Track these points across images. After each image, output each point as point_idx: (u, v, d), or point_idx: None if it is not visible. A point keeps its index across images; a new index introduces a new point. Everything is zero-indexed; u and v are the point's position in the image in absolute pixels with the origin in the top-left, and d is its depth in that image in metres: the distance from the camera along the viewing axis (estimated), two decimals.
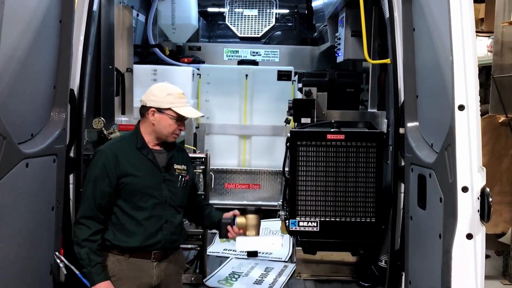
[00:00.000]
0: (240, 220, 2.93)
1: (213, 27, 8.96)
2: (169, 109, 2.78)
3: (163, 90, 2.82)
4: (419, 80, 3.06)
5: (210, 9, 7.71)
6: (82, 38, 3.33)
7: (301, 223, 3.52)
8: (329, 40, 5.35)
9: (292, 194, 3.54)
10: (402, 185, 3.37)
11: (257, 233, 2.94)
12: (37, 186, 2.83)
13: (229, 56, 6.25)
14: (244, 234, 2.92)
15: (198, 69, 5.28)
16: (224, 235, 2.95)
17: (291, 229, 3.52)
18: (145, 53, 5.86)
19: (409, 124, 3.13)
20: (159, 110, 2.79)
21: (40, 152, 2.82)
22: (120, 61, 4.41)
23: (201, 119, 5.30)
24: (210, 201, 5.21)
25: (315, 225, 3.52)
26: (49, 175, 2.95)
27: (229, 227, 2.92)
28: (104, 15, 3.97)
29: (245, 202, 5.30)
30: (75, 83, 3.36)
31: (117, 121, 4.48)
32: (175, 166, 2.90)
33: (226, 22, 6.24)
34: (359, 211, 3.53)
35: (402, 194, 3.37)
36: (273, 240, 2.95)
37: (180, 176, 2.91)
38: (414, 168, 2.96)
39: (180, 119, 2.82)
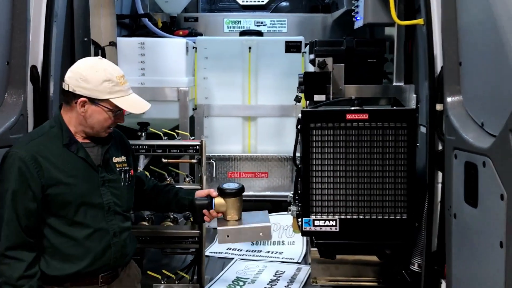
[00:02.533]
0: (218, 201, 2.52)
1: None
2: (107, 100, 2.25)
3: (98, 74, 2.25)
4: (463, 43, 2.52)
5: None
6: (43, 4, 2.81)
7: (316, 222, 3.00)
8: (344, 4, 4.78)
9: (305, 188, 3.01)
10: (440, 174, 2.85)
11: (239, 217, 2.56)
12: None
13: (230, 27, 5.69)
14: (225, 219, 2.54)
15: (194, 42, 4.72)
16: (199, 220, 2.60)
17: (305, 229, 3.01)
18: (134, 26, 5.33)
19: (450, 99, 2.60)
20: (92, 100, 2.24)
21: None
22: (100, 33, 3.88)
23: (199, 99, 4.77)
24: None
25: (334, 224, 3.00)
26: None
27: (205, 211, 2.54)
28: None
29: (251, 193, 4.79)
30: (38, 58, 2.85)
31: None
32: (114, 160, 2.38)
33: None
34: (387, 206, 3.01)
35: (440, 185, 2.86)
36: (262, 229, 2.49)
37: (123, 172, 2.39)
38: (458, 154, 2.44)
39: (118, 112, 2.29)
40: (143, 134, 4.28)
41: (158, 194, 2.65)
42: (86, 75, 2.24)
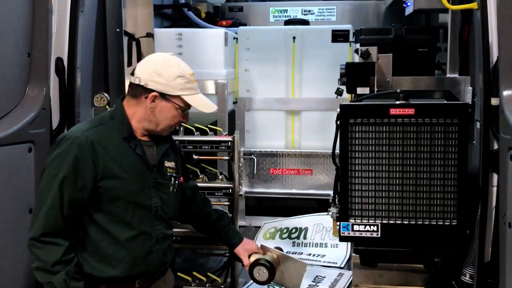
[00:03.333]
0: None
1: None
2: (178, 97, 2.23)
3: (172, 69, 2.23)
4: None
5: None
6: None
7: (356, 227, 2.79)
8: None
9: (344, 189, 2.81)
10: (495, 176, 2.59)
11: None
12: (5, 182, 2.32)
13: (276, 16, 5.50)
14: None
15: (236, 33, 4.58)
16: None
17: (343, 234, 2.80)
18: (177, 17, 5.26)
19: (506, 92, 2.34)
20: (164, 96, 2.20)
21: (7, 139, 2.30)
22: (136, 24, 3.81)
23: (240, 92, 4.63)
24: (254, 190, 4.64)
25: (376, 229, 2.78)
26: (23, 168, 2.43)
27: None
28: None
29: (294, 191, 4.62)
30: (63, 50, 2.81)
31: None
32: (166, 164, 2.33)
33: None
34: (435, 211, 2.74)
35: (495, 188, 2.60)
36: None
37: (173, 178, 2.33)
38: None
39: (186, 110, 2.27)
40: (181, 128, 4.18)
41: (205, 220, 2.67)
42: (160, 69, 2.21)
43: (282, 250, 2.80)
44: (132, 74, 2.26)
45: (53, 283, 2.04)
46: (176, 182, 2.36)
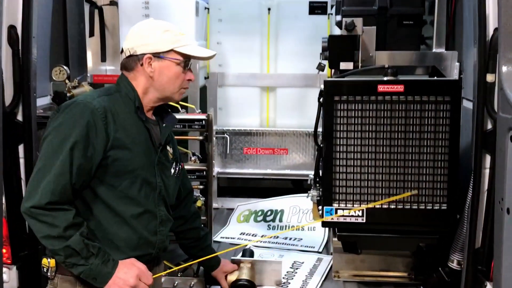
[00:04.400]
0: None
1: None
2: (172, 51, 2.12)
3: (156, 27, 2.15)
4: None
5: None
6: None
7: (340, 212, 2.63)
8: None
9: (328, 171, 2.64)
10: (488, 158, 2.46)
11: None
12: None
13: None
14: None
15: (207, 2, 4.33)
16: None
17: (326, 219, 2.64)
18: None
19: (506, 68, 2.21)
20: (157, 55, 2.11)
21: None
22: None
23: (212, 66, 4.40)
24: (226, 170, 4.46)
25: (360, 214, 2.63)
26: None
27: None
28: None
29: (269, 171, 4.44)
30: (17, 17, 2.53)
31: (95, 70, 3.63)
32: (168, 148, 2.25)
33: None
34: (423, 194, 2.62)
35: (487, 170, 2.47)
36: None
37: (174, 162, 2.27)
38: None
39: (187, 64, 2.17)
40: None
41: (192, 234, 2.63)
42: (145, 31, 2.14)
43: (253, 253, 2.97)
44: (122, 51, 2.18)
45: (70, 246, 1.89)
46: (178, 167, 2.30)
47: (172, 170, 2.26)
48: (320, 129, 2.80)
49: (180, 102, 3.14)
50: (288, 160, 4.44)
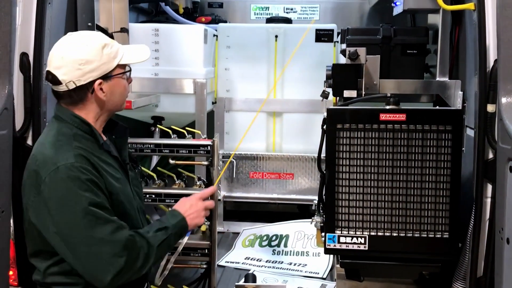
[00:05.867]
0: None
1: None
2: (117, 66, 2.04)
3: (91, 46, 1.98)
4: None
5: None
6: None
7: (342, 239, 2.64)
8: None
9: (330, 198, 2.65)
10: (489, 187, 2.47)
11: None
12: None
13: (257, 14, 5.33)
14: None
15: (216, 30, 4.39)
16: None
17: (329, 246, 2.65)
18: (154, 12, 5.05)
19: (505, 99, 2.22)
20: (106, 77, 2.00)
21: None
22: (111, 18, 3.60)
23: (220, 92, 4.44)
24: (232, 194, 4.48)
25: (363, 241, 2.63)
26: None
27: None
28: None
29: (275, 195, 4.45)
30: (29, 44, 2.60)
31: None
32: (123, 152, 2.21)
33: None
34: (426, 222, 2.61)
35: (489, 199, 2.48)
36: None
37: (136, 167, 2.28)
38: None
39: (129, 70, 2.13)
40: (157, 129, 3.99)
41: None
42: (81, 56, 1.96)
43: (255, 278, 2.91)
44: (54, 83, 1.99)
45: (162, 241, 2.01)
46: (138, 170, 2.30)
47: (139, 177, 2.27)
48: (323, 155, 2.82)
49: (187, 128, 3.19)
50: (294, 184, 4.45)
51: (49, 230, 1.88)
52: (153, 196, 2.99)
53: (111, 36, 3.48)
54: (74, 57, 1.96)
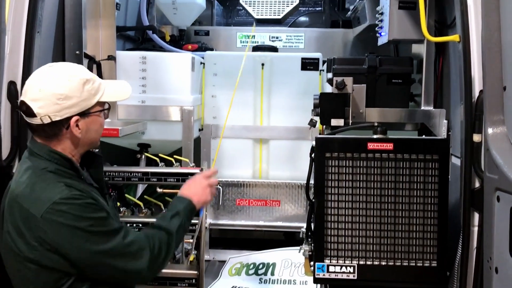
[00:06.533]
0: None
1: (231, 13, 8.16)
2: (96, 103, 1.97)
3: (72, 80, 1.92)
4: (508, 65, 2.15)
5: None
6: (24, 13, 2.53)
7: (331, 268, 2.63)
8: (367, 19, 4.44)
9: (319, 227, 2.65)
10: (476, 216, 2.48)
11: None
12: None
13: (243, 42, 5.38)
14: None
15: (202, 57, 4.41)
16: None
17: (318, 275, 2.64)
18: (140, 39, 5.06)
19: (492, 130, 2.24)
20: (83, 114, 1.94)
21: None
22: (98, 46, 3.60)
23: (207, 118, 4.44)
24: (219, 221, 4.45)
25: (352, 270, 2.62)
26: None
27: None
28: None
29: (261, 223, 4.42)
30: (17, 73, 2.58)
31: None
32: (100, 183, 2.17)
33: (240, 1, 5.37)
34: (414, 251, 2.62)
35: (476, 228, 2.49)
36: None
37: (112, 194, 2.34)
38: (502, 197, 2.07)
39: (109, 108, 2.09)
40: (143, 157, 3.96)
41: None
42: (61, 91, 1.89)
43: None
44: (29, 114, 1.91)
45: (182, 223, 2.13)
46: (114, 197, 2.38)
47: (115, 208, 2.29)
48: (312, 182, 2.82)
49: (174, 156, 3.17)
50: (280, 211, 4.43)
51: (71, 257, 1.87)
52: (140, 225, 2.94)
53: (98, 64, 3.48)
54: (53, 91, 1.89)
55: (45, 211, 1.82)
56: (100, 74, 3.49)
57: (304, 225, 3.01)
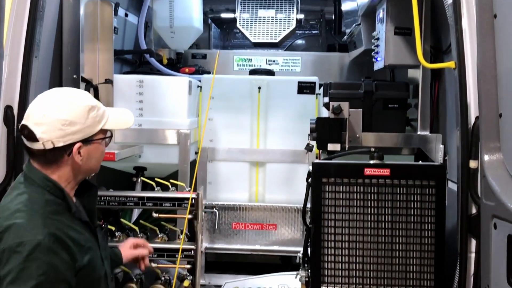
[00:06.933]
0: None
1: (228, 36, 8.24)
2: (100, 130, 1.95)
3: (78, 106, 1.90)
4: (504, 92, 2.16)
5: (223, 15, 6.98)
6: (22, 37, 2.54)
7: None
8: (362, 43, 4.47)
9: (316, 253, 2.63)
10: (473, 242, 2.47)
11: None
12: None
13: (240, 65, 5.41)
14: None
15: (199, 80, 4.43)
16: None
17: None
18: (138, 62, 5.08)
19: (488, 157, 2.24)
20: (86, 140, 1.91)
21: None
22: (94, 70, 3.61)
23: (203, 141, 4.43)
24: (215, 245, 4.41)
25: None
26: None
27: None
28: (68, 9, 3.17)
29: (257, 247, 4.38)
30: (14, 97, 2.58)
31: None
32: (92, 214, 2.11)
33: (237, 25, 5.41)
34: (411, 277, 2.60)
35: (473, 255, 2.47)
36: None
37: (104, 226, 2.30)
38: (499, 224, 2.07)
39: (111, 136, 2.06)
40: (139, 180, 3.95)
41: None
42: (66, 116, 1.87)
43: None
44: (30, 139, 1.87)
45: None
46: (105, 226, 2.27)
47: (105, 237, 2.22)
48: (308, 206, 2.81)
49: (171, 180, 3.16)
50: (277, 235, 4.40)
51: None
52: None
53: (95, 88, 3.48)
54: (58, 117, 1.87)
55: (10, 248, 1.74)
56: (97, 98, 3.48)
57: (301, 249, 2.99)
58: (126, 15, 4.63)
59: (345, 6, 5.12)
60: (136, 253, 2.53)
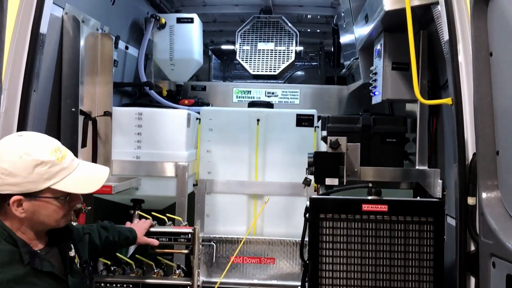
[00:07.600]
0: None
1: (228, 67, 8.32)
2: (47, 189, 1.78)
3: (23, 159, 1.77)
4: (501, 129, 2.16)
5: (224, 47, 7.07)
6: (22, 68, 2.55)
7: None
8: (361, 77, 4.50)
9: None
10: (472, 280, 2.43)
11: None
12: None
13: (239, 97, 5.44)
14: None
15: (198, 112, 4.44)
16: None
17: None
18: (137, 94, 5.11)
19: (485, 194, 2.22)
20: (29, 195, 1.76)
21: None
22: (93, 102, 3.62)
23: (201, 173, 4.42)
24: (212, 279, 4.35)
25: None
26: None
27: None
28: (69, 42, 3.20)
29: (255, 281, 4.33)
30: (12, 131, 2.58)
31: None
32: (71, 254, 1.95)
33: (237, 57, 5.46)
34: None
35: None
36: None
37: (86, 271, 2.01)
38: (498, 263, 2.04)
39: (72, 197, 1.86)
40: (136, 213, 3.91)
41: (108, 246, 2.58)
42: (7, 166, 1.76)
43: None
44: None
45: None
46: (87, 270, 2.03)
47: (88, 281, 2.02)
48: (306, 239, 2.77)
49: (167, 214, 3.13)
50: (275, 269, 4.35)
51: None
52: (131, 286, 2.88)
53: (94, 120, 3.48)
54: (1, 163, 1.78)
55: None
56: (95, 130, 3.49)
57: (299, 284, 2.95)
58: (127, 47, 4.67)
59: (344, 39, 5.18)
60: (148, 241, 2.80)
